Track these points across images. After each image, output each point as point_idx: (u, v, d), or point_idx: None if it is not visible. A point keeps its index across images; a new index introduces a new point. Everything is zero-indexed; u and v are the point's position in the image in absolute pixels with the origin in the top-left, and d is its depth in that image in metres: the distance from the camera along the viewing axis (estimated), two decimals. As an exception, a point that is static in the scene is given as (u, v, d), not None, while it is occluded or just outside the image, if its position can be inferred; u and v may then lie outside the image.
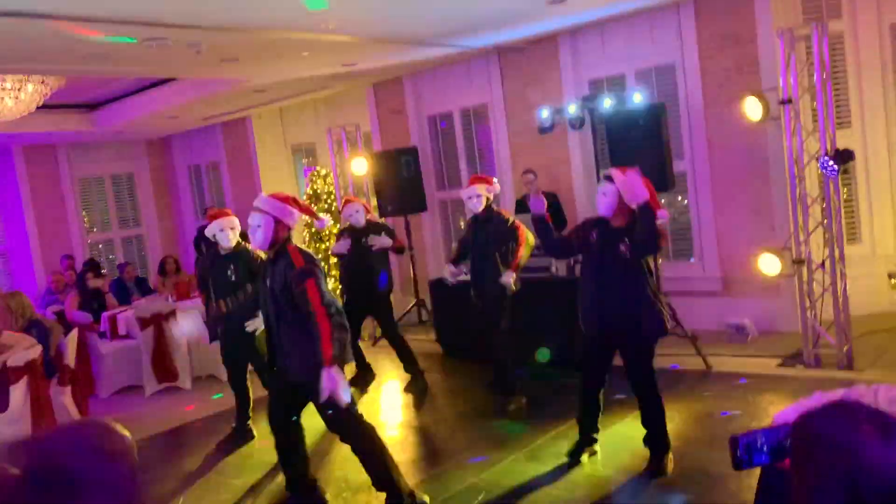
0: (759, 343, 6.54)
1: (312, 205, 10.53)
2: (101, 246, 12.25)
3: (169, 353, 7.54)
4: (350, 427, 3.92)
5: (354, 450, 3.98)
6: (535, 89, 8.14)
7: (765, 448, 1.45)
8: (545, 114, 7.29)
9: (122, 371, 7.74)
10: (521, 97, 8.28)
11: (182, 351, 7.64)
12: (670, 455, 4.25)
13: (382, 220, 7.31)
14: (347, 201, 6.86)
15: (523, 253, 5.72)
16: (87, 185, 12.10)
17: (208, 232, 5.64)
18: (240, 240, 5.68)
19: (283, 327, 3.88)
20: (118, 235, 12.43)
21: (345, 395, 3.60)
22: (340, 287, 7.24)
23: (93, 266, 9.27)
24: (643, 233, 3.99)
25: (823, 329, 5.86)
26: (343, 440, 4.00)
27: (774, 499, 1.74)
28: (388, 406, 6.35)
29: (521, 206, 7.47)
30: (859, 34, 6.83)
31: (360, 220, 6.63)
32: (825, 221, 5.79)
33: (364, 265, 6.54)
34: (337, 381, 3.55)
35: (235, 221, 5.65)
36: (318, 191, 10.52)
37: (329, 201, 10.11)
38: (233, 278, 5.52)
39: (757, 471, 4.04)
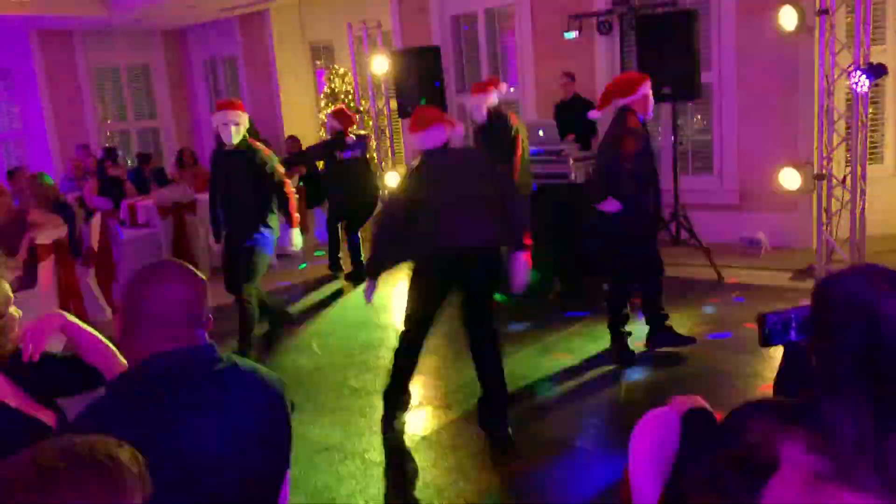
0: (773, 257, 6.61)
1: (329, 105, 10.46)
2: (116, 137, 12.24)
3: (188, 242, 7.67)
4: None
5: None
6: (564, -9, 7.92)
7: (793, 324, 1.50)
8: (573, 17, 7.13)
9: (142, 259, 7.80)
10: (549, -1, 8.07)
11: (201, 241, 7.76)
12: None
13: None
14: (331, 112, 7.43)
15: (517, 165, 5.66)
16: (102, 74, 11.99)
17: (213, 123, 5.14)
18: (246, 135, 5.08)
19: None
20: (134, 127, 12.39)
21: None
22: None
23: (111, 154, 9.30)
24: None
25: (837, 245, 5.91)
26: None
27: (791, 376, 1.82)
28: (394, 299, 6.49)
29: (561, 110, 7.39)
30: (904, -55, 6.59)
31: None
32: (850, 138, 5.75)
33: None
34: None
35: (240, 116, 4.99)
36: (336, 90, 10.42)
37: (347, 101, 10.02)
38: (235, 178, 5.02)
39: (758, 370, 4.22)
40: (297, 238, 5.29)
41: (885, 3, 6.66)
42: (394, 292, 6.67)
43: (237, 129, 4.95)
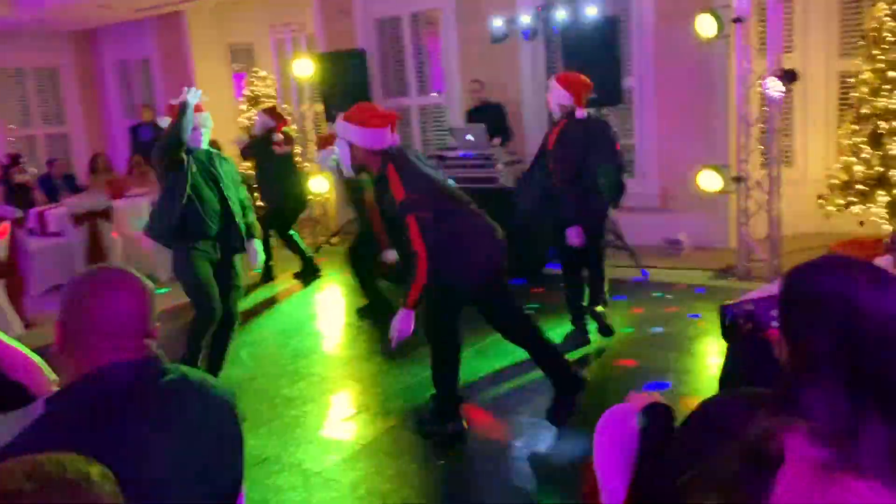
0: (694, 257, 6.84)
1: (250, 108, 10.23)
2: (21, 144, 11.60)
3: (103, 251, 7.34)
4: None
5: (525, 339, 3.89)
6: (489, -4, 7.99)
7: (752, 317, 1.53)
8: (498, 23, 7.21)
9: (53, 269, 7.49)
10: (474, 4, 8.12)
11: (117, 249, 7.45)
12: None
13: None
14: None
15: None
16: (4, 76, 11.36)
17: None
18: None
19: None
20: (41, 132, 11.79)
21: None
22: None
23: (17, 161, 8.82)
24: None
25: (755, 244, 6.16)
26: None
27: (748, 369, 1.87)
28: (326, 306, 6.40)
29: (472, 116, 7.46)
30: (809, -41, 6.95)
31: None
32: (765, 142, 6.01)
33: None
34: (409, 325, 3.57)
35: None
36: (258, 93, 10.20)
37: (269, 104, 9.80)
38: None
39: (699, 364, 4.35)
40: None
41: (793, 13, 7.01)
42: (320, 298, 6.57)
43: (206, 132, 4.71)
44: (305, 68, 8.47)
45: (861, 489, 1.01)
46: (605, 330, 5.03)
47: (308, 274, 7.11)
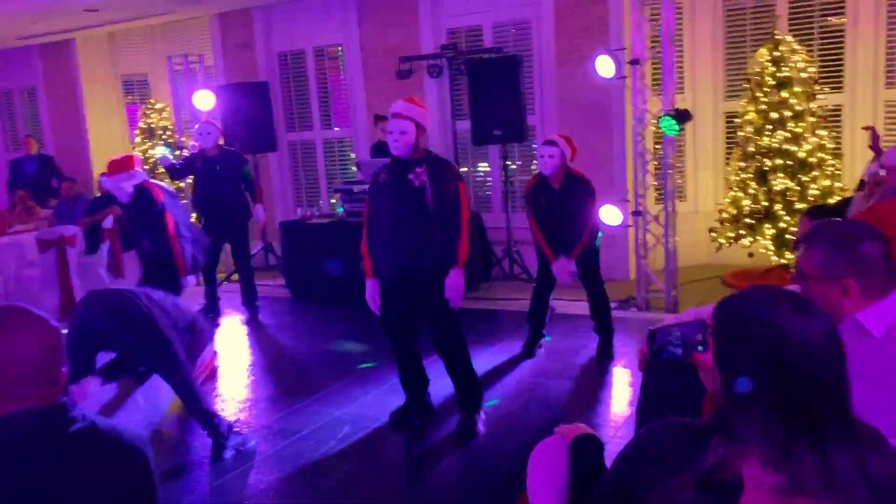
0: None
1: (146, 141, 9.86)
2: None
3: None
4: (455, 320, 4.02)
5: (451, 344, 4.04)
6: (393, 34, 8.07)
7: (679, 341, 1.55)
8: (403, 60, 7.27)
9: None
10: (378, 41, 8.17)
11: (-1, 290, 6.95)
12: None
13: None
14: (201, 122, 6.58)
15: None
16: None
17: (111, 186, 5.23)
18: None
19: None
20: (-89, 164, 10.94)
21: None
22: (197, 212, 6.87)
23: None
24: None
25: (653, 276, 6.39)
26: (446, 335, 4.02)
27: (673, 393, 1.90)
28: (236, 345, 6.16)
29: (377, 150, 7.45)
30: (696, 6, 7.39)
31: (210, 142, 6.39)
32: (660, 178, 6.28)
33: (216, 192, 6.29)
34: (463, 284, 3.87)
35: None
36: (154, 126, 9.86)
37: (165, 137, 9.50)
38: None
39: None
40: None
41: (684, 57, 7.42)
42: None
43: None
44: (205, 100, 8.25)
45: None
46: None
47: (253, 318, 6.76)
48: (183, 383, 3.84)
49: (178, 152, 8.84)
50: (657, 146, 6.91)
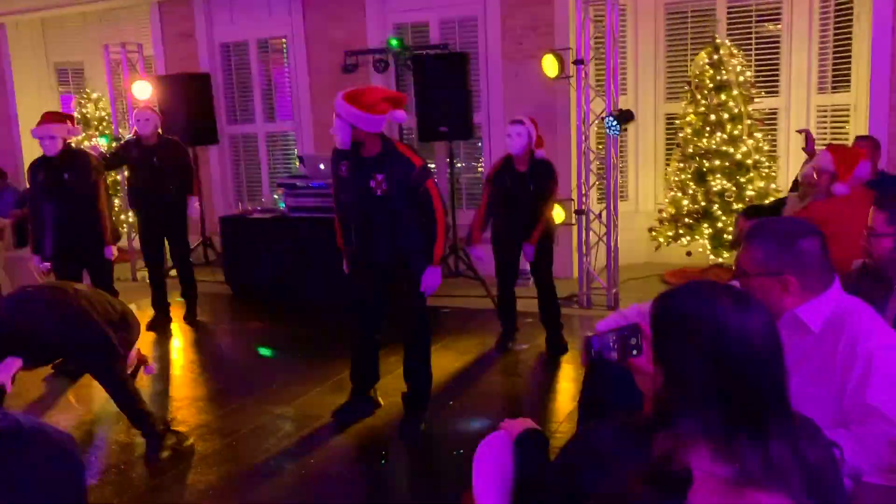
0: (540, 286, 7.07)
1: (83, 132, 9.53)
2: None
3: None
4: (425, 317, 4.12)
5: (415, 338, 4.09)
6: (338, 27, 7.98)
7: (615, 346, 1.56)
8: (349, 54, 7.18)
9: None
10: (323, 34, 8.07)
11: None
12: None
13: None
14: (139, 108, 6.25)
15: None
16: None
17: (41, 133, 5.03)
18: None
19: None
20: None
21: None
22: (132, 209, 6.56)
23: None
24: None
25: (595, 273, 6.48)
26: (412, 328, 4.08)
27: (611, 397, 1.91)
28: (174, 343, 6.00)
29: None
30: (639, 9, 7.51)
31: (147, 129, 5.95)
32: (604, 177, 6.36)
33: (154, 183, 5.97)
34: (439, 280, 3.93)
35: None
36: (89, 116, 9.53)
37: (102, 128, 9.20)
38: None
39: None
40: None
41: (627, 59, 7.53)
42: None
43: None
44: (144, 91, 8.01)
45: (766, 501, 1.03)
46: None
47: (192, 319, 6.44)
48: (115, 382, 3.71)
49: (114, 144, 8.57)
50: (600, 146, 7.00)
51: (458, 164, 7.68)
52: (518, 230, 5.08)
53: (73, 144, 5.35)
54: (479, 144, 7.77)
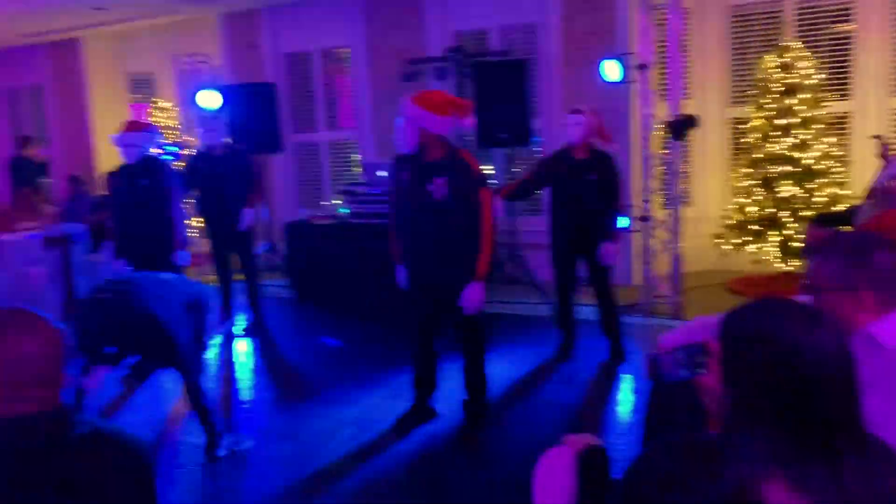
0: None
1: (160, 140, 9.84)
2: None
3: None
4: (480, 327, 4.11)
5: (471, 348, 4.11)
6: (399, 36, 8.07)
7: (682, 364, 1.52)
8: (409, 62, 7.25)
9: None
10: (385, 43, 8.17)
11: (3, 287, 6.94)
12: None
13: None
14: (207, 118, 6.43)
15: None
16: None
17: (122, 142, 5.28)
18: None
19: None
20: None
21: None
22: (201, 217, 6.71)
23: None
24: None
25: (658, 281, 6.37)
26: (467, 339, 4.10)
27: (677, 417, 1.88)
28: (240, 347, 6.15)
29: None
30: (704, 12, 7.37)
31: (214, 139, 6.10)
32: (667, 183, 6.26)
33: (220, 193, 6.10)
34: (481, 297, 3.90)
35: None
36: (159, 125, 9.84)
37: (172, 136, 9.49)
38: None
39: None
40: None
41: (691, 63, 7.40)
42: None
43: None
44: (211, 100, 8.24)
45: None
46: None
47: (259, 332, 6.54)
48: (187, 376, 3.84)
49: (184, 151, 8.84)
50: (662, 151, 6.89)
51: (517, 171, 7.66)
52: (577, 229, 4.97)
53: (151, 153, 5.55)
54: (538, 151, 7.73)
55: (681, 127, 5.82)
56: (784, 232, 6.47)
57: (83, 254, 7.57)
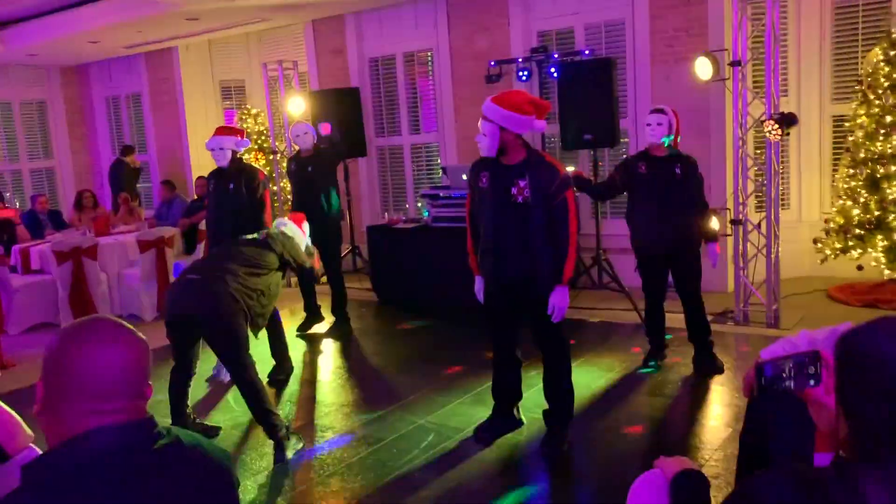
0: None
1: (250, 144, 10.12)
2: (7, 178, 11.46)
3: (88, 289, 7.14)
4: (562, 335, 3.96)
5: (553, 357, 3.97)
6: (482, 38, 8.01)
7: (791, 374, 1.40)
8: (492, 64, 7.19)
9: (35, 307, 7.30)
10: (468, 45, 8.13)
11: (102, 288, 7.27)
12: None
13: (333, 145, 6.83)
14: (296, 123, 6.55)
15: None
16: (-7, 110, 11.26)
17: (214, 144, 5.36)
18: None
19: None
20: (27, 167, 11.64)
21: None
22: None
23: None
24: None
25: (754, 288, 6.07)
26: (549, 347, 3.96)
27: (781, 431, 1.74)
28: (323, 349, 6.21)
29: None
30: (802, 5, 7.00)
31: (307, 142, 6.27)
32: (763, 185, 5.96)
33: (311, 194, 6.21)
34: (567, 301, 3.78)
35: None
36: (249, 130, 10.12)
37: (260, 141, 9.74)
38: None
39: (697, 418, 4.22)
40: None
41: (788, 59, 7.04)
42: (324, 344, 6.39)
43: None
44: (298, 106, 8.40)
45: None
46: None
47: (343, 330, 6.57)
48: (244, 380, 3.97)
49: (271, 156, 9.05)
50: (759, 151, 6.58)
51: (602, 169, 7.46)
52: (662, 233, 4.79)
53: (242, 158, 5.66)
54: (626, 154, 7.52)
55: (781, 125, 5.52)
56: (892, 236, 6.06)
57: (175, 257, 7.84)
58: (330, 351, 6.17)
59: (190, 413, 4.35)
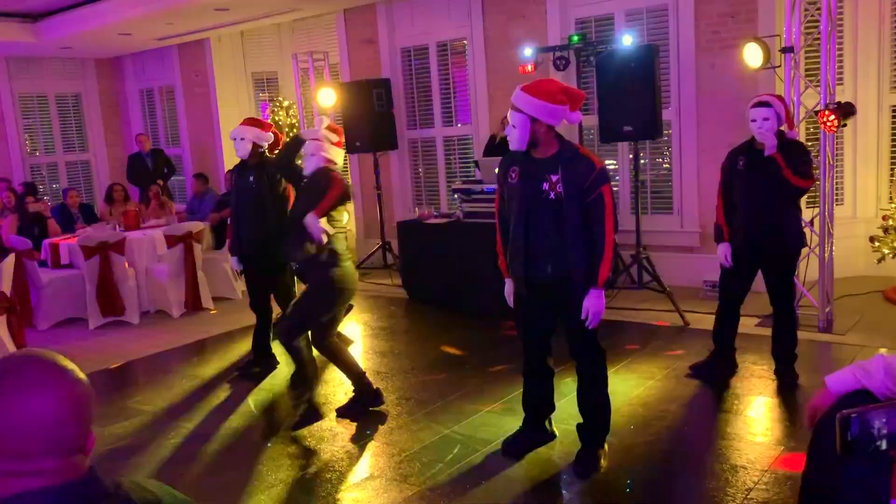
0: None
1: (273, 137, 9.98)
2: (43, 170, 11.51)
3: (115, 284, 7.05)
4: (596, 341, 3.65)
5: (587, 365, 3.68)
6: (518, 26, 7.71)
7: (883, 432, 1.13)
8: (528, 52, 6.89)
9: (64, 302, 7.24)
10: (503, 34, 7.83)
11: (130, 283, 7.17)
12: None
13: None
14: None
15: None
16: (28, 102, 11.29)
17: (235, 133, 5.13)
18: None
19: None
20: (62, 159, 11.68)
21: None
22: None
23: (32, 189, 8.64)
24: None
25: (805, 289, 5.70)
26: (582, 354, 3.67)
27: (857, 486, 1.46)
28: (350, 349, 6.01)
29: (497, 148, 7.11)
30: (860, -12, 6.57)
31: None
32: (817, 179, 5.57)
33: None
34: (603, 305, 3.49)
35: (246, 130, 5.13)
36: (280, 123, 9.97)
37: (293, 134, 9.56)
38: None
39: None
40: None
41: (843, 45, 6.61)
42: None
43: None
44: (328, 97, 8.21)
45: None
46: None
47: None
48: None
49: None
50: (811, 143, 6.18)
51: (643, 161, 7.12)
52: (759, 228, 4.40)
53: (265, 151, 5.38)
54: (668, 146, 7.17)
55: (838, 115, 5.13)
56: (958, 235, 5.64)
57: (205, 251, 7.72)
58: (356, 350, 5.96)
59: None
